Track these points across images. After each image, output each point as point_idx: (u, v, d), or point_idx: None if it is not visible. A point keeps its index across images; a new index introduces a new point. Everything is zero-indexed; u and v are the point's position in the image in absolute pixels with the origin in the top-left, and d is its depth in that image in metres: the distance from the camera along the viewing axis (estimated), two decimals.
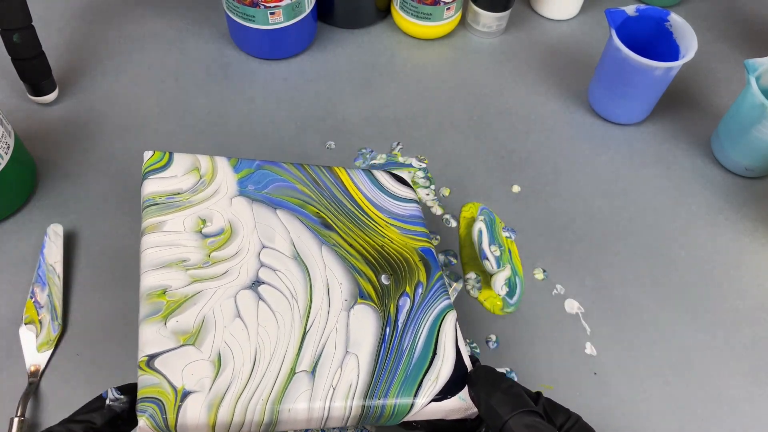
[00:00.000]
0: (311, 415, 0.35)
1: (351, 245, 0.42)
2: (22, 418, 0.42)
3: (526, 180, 0.56)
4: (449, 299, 0.42)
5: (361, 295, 0.40)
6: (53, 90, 0.57)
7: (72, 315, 0.47)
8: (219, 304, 0.37)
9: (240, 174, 0.44)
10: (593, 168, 0.57)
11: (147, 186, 0.41)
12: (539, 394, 0.36)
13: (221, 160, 0.44)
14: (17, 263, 0.49)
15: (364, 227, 0.44)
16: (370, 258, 0.42)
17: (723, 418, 0.45)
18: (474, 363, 0.39)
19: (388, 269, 0.42)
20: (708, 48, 0.67)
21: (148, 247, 0.39)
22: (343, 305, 0.39)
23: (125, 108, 0.58)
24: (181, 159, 0.43)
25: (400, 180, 0.48)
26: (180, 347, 0.35)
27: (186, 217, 0.40)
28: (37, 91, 0.56)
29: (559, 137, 0.59)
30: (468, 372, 0.38)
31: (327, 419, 0.35)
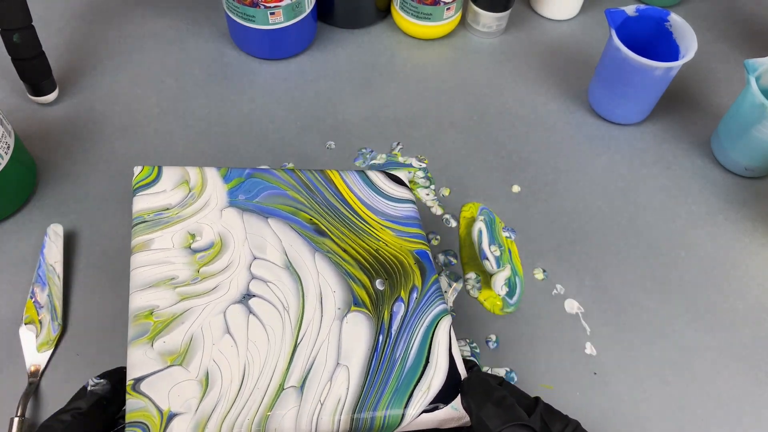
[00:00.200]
0: (299, 430, 0.34)
1: (345, 251, 0.42)
2: (22, 418, 0.42)
3: (526, 180, 0.56)
4: (444, 303, 0.41)
5: (355, 302, 0.39)
6: (53, 90, 0.57)
7: (72, 315, 0.47)
8: (208, 321, 0.37)
9: (230, 184, 0.43)
10: (593, 168, 0.57)
11: (136, 203, 0.41)
12: (537, 399, 0.36)
13: (210, 170, 0.44)
14: (17, 263, 0.49)
15: (358, 231, 0.43)
16: (364, 263, 0.42)
17: (723, 418, 0.45)
18: (471, 368, 0.38)
19: (383, 273, 0.41)
20: (708, 48, 0.67)
21: (136, 267, 0.38)
22: (336, 314, 0.39)
23: (125, 108, 0.58)
24: (170, 172, 0.43)
25: (395, 180, 0.48)
26: (166, 368, 0.35)
27: (175, 233, 0.40)
28: (37, 91, 0.56)
29: (559, 137, 0.59)
30: (461, 380, 0.37)
31: None
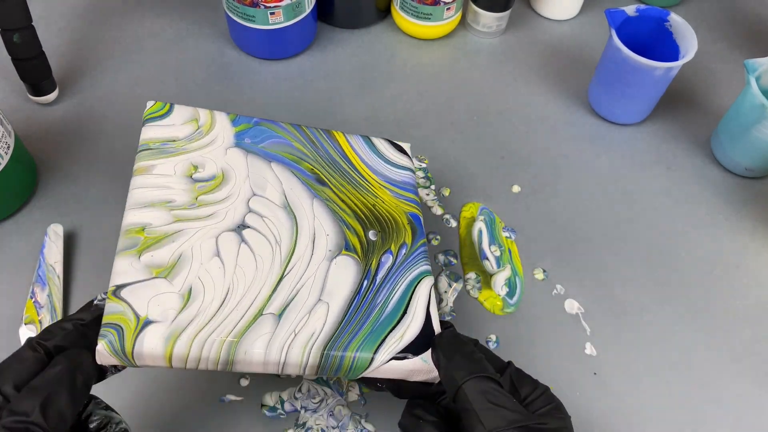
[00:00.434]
0: (267, 359, 0.34)
1: (343, 201, 0.43)
2: None
3: (526, 180, 0.56)
4: (429, 266, 0.41)
5: (347, 247, 0.40)
6: (53, 90, 0.57)
7: None
8: (199, 242, 0.37)
9: (237, 128, 0.44)
10: (593, 168, 0.57)
11: (144, 132, 0.42)
12: (509, 363, 0.36)
13: (220, 114, 0.44)
14: (17, 263, 0.49)
15: (357, 186, 0.44)
16: (360, 214, 0.42)
17: (723, 418, 0.45)
18: (446, 328, 0.39)
19: (376, 226, 0.42)
20: (708, 48, 0.67)
21: (134, 188, 0.39)
22: (327, 255, 0.39)
23: (125, 108, 0.58)
24: (181, 110, 0.44)
25: (398, 148, 0.48)
26: (150, 279, 0.35)
27: (178, 163, 0.41)
28: (37, 91, 0.56)
29: (559, 137, 0.59)
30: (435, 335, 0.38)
31: (284, 365, 0.35)
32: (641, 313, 0.49)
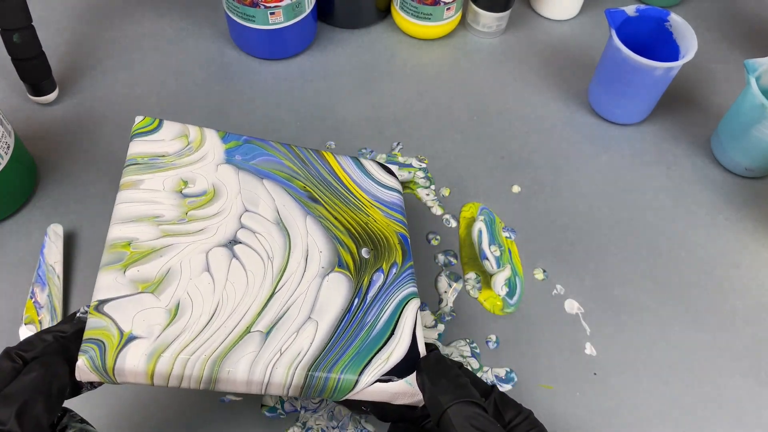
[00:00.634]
0: (251, 378, 0.34)
1: (336, 218, 0.42)
2: None
3: (526, 180, 0.56)
4: (416, 288, 0.41)
5: (339, 264, 0.40)
6: (53, 90, 0.57)
7: None
8: (189, 257, 0.36)
9: (228, 145, 0.43)
10: (593, 168, 0.57)
11: (132, 147, 0.41)
12: (493, 387, 0.36)
13: (210, 131, 0.44)
14: (17, 263, 0.49)
15: (349, 204, 0.44)
16: (353, 231, 0.42)
17: (723, 418, 0.45)
18: (431, 351, 0.38)
19: (369, 244, 0.42)
20: (708, 48, 0.67)
21: (120, 202, 0.38)
22: (320, 272, 0.39)
23: (125, 108, 0.58)
24: (171, 126, 0.43)
25: (386, 169, 0.48)
26: (136, 294, 0.34)
27: (167, 178, 0.40)
28: (37, 91, 0.56)
29: (559, 137, 0.59)
30: (420, 358, 0.37)
31: (267, 385, 0.34)
32: (641, 313, 0.49)
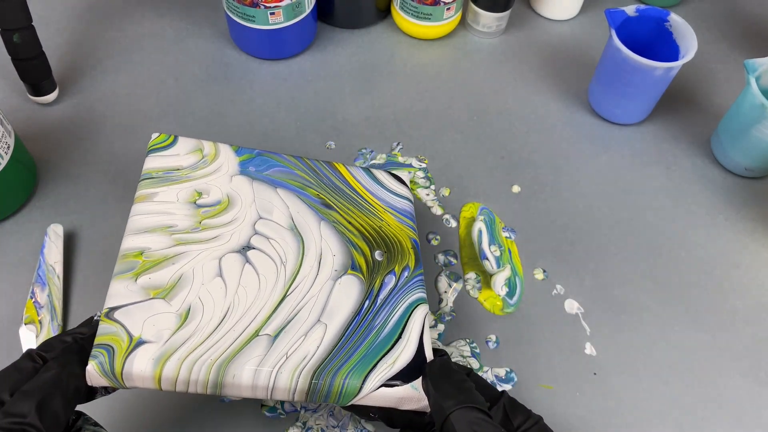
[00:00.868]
0: (256, 383, 0.34)
1: (350, 222, 0.43)
2: None
3: (526, 180, 0.56)
4: (425, 294, 0.41)
5: (353, 267, 0.40)
6: (53, 90, 0.57)
7: (72, 315, 0.47)
8: (201, 264, 0.37)
9: (241, 158, 0.44)
10: (593, 168, 0.57)
11: (147, 162, 0.42)
12: (503, 393, 0.35)
13: (224, 145, 0.45)
14: (17, 263, 0.49)
15: (362, 209, 0.44)
16: (367, 234, 0.42)
17: (723, 418, 0.45)
18: (440, 356, 0.38)
19: (383, 247, 0.42)
20: (708, 48, 0.67)
21: (134, 215, 0.38)
22: (332, 275, 0.39)
23: (125, 108, 0.58)
24: (185, 141, 0.44)
25: (397, 179, 0.49)
26: (147, 300, 0.34)
27: (181, 190, 0.40)
28: (37, 91, 0.56)
29: (559, 137, 0.59)
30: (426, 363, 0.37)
31: (272, 390, 0.34)
32: (641, 313, 0.49)
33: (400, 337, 0.38)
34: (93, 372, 0.32)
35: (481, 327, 0.48)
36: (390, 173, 0.49)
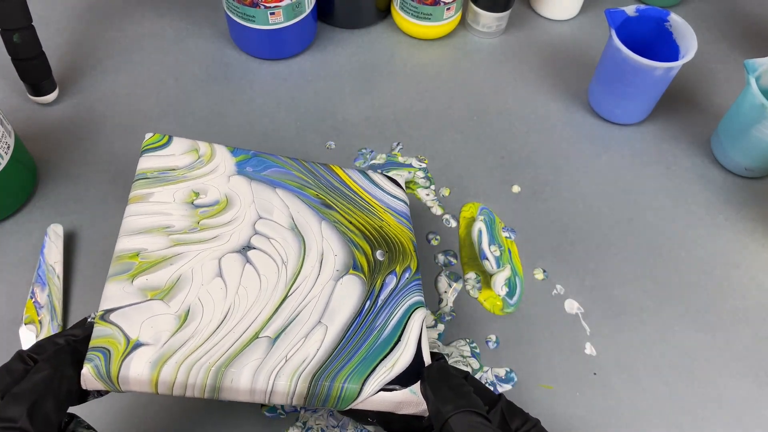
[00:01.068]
0: (254, 387, 0.33)
1: (351, 222, 0.43)
2: None
3: (526, 180, 0.56)
4: (422, 298, 0.41)
5: (354, 267, 0.40)
6: (53, 90, 0.57)
7: (72, 315, 0.47)
8: (200, 264, 0.36)
9: (238, 158, 0.44)
10: (593, 168, 0.57)
11: (141, 162, 0.41)
12: (501, 396, 0.35)
13: (219, 146, 0.44)
14: (17, 263, 0.49)
15: (363, 209, 0.44)
16: (368, 234, 0.42)
17: (723, 418, 0.45)
18: (438, 360, 0.38)
19: (384, 246, 0.42)
20: (708, 48, 0.67)
21: (128, 215, 0.38)
22: (334, 275, 0.39)
23: (125, 108, 0.58)
24: (180, 142, 0.43)
25: (393, 181, 0.49)
26: (144, 302, 0.34)
27: (178, 190, 0.40)
28: (37, 91, 0.56)
29: (559, 137, 0.59)
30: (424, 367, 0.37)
31: (271, 393, 0.34)
32: (641, 313, 0.49)
33: (399, 340, 0.37)
34: (88, 375, 0.31)
35: (481, 327, 0.48)
36: (386, 175, 0.49)
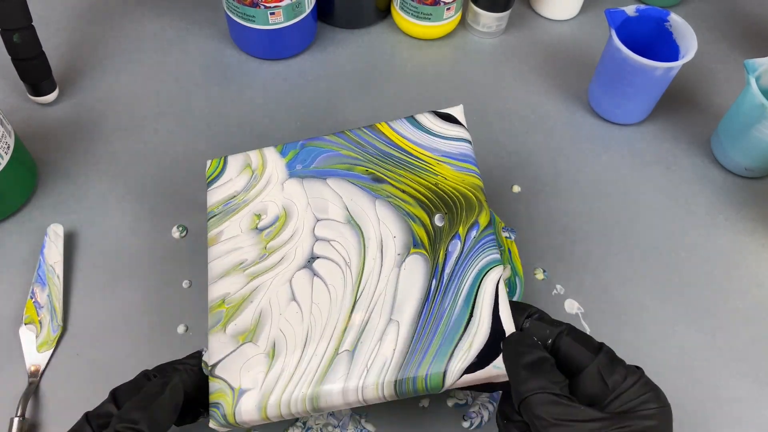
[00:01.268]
0: (347, 401, 0.36)
1: (404, 191, 0.42)
2: (21, 418, 0.42)
3: (526, 180, 0.56)
4: (497, 252, 0.38)
5: (414, 244, 0.40)
6: (53, 90, 0.57)
7: (72, 315, 0.47)
8: (275, 292, 0.39)
9: (287, 158, 0.45)
10: (593, 168, 0.57)
11: (209, 198, 0.44)
12: (602, 346, 0.33)
13: (269, 150, 0.45)
14: (17, 263, 0.49)
15: (414, 169, 0.43)
16: (423, 199, 0.41)
17: (723, 418, 0.45)
18: (530, 316, 0.36)
19: (442, 207, 0.41)
20: (708, 48, 0.67)
21: (211, 260, 0.41)
22: (396, 261, 0.39)
23: (125, 108, 0.58)
24: (235, 160, 0.45)
25: (447, 118, 0.45)
26: (238, 348, 0.38)
27: (242, 219, 0.42)
28: (37, 91, 0.56)
29: (559, 137, 0.59)
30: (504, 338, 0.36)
31: (364, 402, 0.36)
32: (641, 313, 0.49)
33: (471, 316, 0.36)
34: (217, 428, 0.36)
35: None
36: (438, 113, 0.45)
